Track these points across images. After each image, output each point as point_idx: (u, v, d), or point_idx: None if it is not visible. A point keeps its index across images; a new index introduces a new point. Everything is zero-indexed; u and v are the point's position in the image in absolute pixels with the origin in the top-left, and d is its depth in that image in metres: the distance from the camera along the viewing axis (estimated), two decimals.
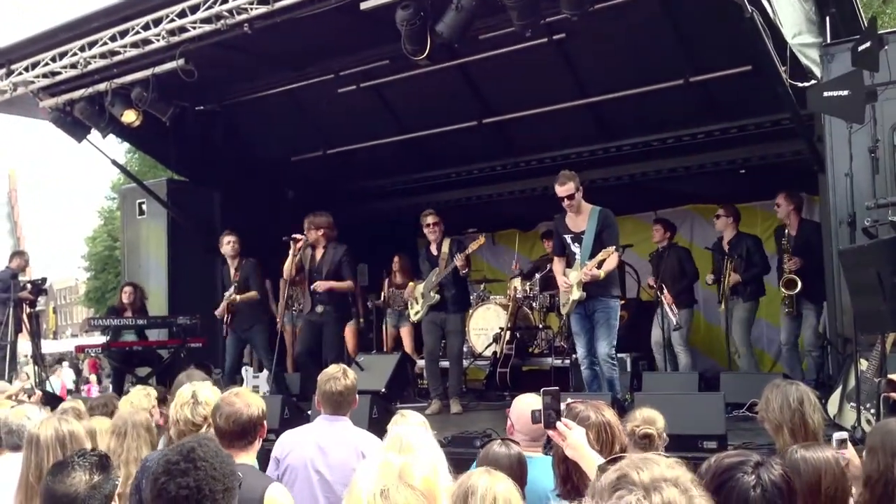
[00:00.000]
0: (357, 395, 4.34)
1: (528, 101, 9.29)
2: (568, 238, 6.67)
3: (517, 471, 2.96)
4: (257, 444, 3.44)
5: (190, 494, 2.23)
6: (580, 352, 6.65)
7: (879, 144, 5.31)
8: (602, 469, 1.70)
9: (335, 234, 8.00)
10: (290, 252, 7.71)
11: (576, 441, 2.67)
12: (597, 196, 7.84)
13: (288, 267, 7.77)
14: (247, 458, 3.36)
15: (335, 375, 4.23)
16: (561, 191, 6.57)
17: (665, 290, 8.29)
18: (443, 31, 6.40)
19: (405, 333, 9.75)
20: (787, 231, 7.65)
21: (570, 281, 6.53)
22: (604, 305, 6.49)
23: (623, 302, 8.80)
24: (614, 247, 6.48)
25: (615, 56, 8.47)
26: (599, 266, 6.37)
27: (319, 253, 7.93)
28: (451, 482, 2.61)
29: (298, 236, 7.74)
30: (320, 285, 7.73)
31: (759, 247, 8.08)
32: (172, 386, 4.59)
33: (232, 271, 8.49)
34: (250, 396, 3.47)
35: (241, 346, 8.47)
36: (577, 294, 6.48)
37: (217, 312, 8.51)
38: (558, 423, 2.73)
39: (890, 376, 3.90)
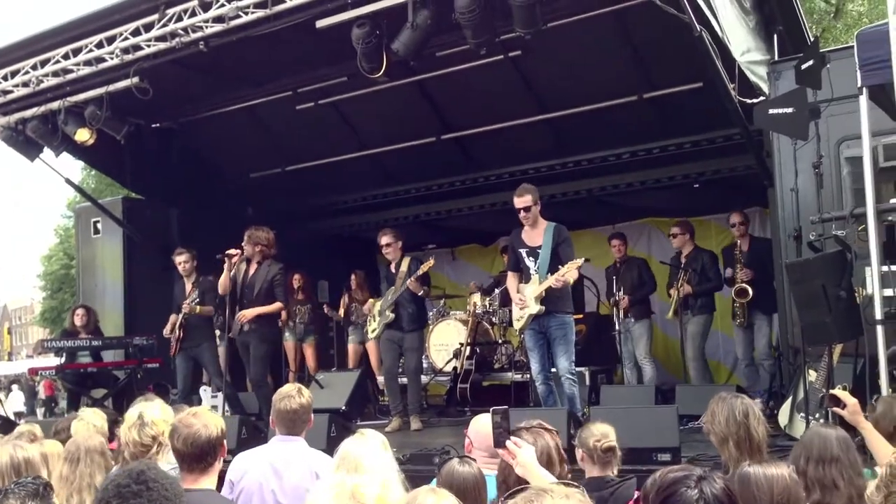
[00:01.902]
0: (313, 415, 4.30)
1: (485, 117, 9.37)
2: (523, 252, 6.67)
3: (478, 488, 2.98)
4: (218, 466, 3.36)
5: None
6: (534, 367, 6.65)
7: (824, 160, 5.44)
8: (504, 501, 1.73)
9: (273, 253, 7.80)
10: (225, 267, 7.64)
11: (525, 459, 2.71)
12: (555, 211, 7.95)
13: (223, 282, 7.70)
14: (208, 481, 3.28)
15: (290, 394, 4.18)
16: (518, 202, 6.59)
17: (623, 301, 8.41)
18: (399, 49, 6.47)
19: (371, 348, 9.71)
20: (738, 245, 7.82)
21: (527, 297, 6.55)
22: (559, 322, 6.50)
23: (581, 316, 8.93)
24: (581, 260, 6.53)
25: (571, 73, 8.58)
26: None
27: (253, 269, 7.72)
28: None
29: (233, 251, 7.66)
30: (246, 315, 7.53)
31: (715, 263, 8.22)
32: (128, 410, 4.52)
33: (188, 287, 8.37)
34: (208, 416, 3.40)
35: (192, 365, 8.33)
36: (534, 308, 6.49)
37: (167, 329, 8.33)
38: (508, 442, 2.77)
39: (832, 391, 4.00)
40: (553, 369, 6.64)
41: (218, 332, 8.85)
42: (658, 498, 2.09)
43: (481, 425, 3.63)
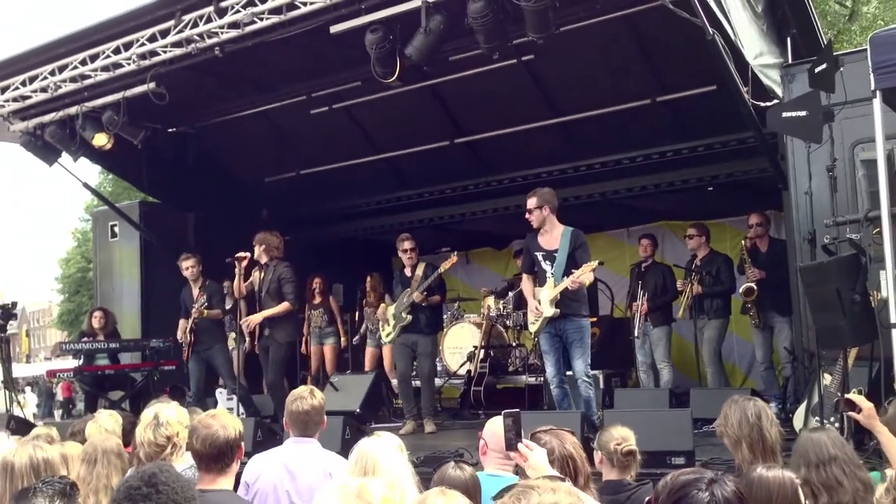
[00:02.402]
0: (326, 416, 4.33)
1: (499, 121, 9.39)
2: (539, 256, 6.67)
3: (469, 493, 3.00)
4: (235, 467, 3.41)
5: None
6: (549, 371, 6.64)
7: (837, 163, 5.42)
8: (494, 500, 1.76)
9: (279, 255, 7.92)
10: (237, 271, 7.70)
11: (537, 462, 2.72)
12: (569, 214, 7.94)
13: (237, 286, 7.76)
14: (225, 482, 3.32)
15: (302, 395, 4.19)
16: (527, 203, 6.65)
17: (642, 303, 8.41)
18: (412, 54, 6.49)
19: (386, 351, 9.73)
20: (744, 245, 7.82)
21: (542, 300, 6.56)
22: (575, 325, 6.50)
23: (595, 319, 8.92)
24: (597, 262, 6.54)
25: (584, 76, 8.59)
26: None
27: (263, 273, 7.86)
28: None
29: (242, 255, 7.72)
30: (252, 320, 7.67)
31: (730, 266, 8.19)
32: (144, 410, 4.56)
33: (195, 292, 8.43)
34: (227, 418, 3.44)
35: (204, 368, 8.40)
36: (549, 311, 6.49)
37: (179, 334, 8.41)
38: (519, 445, 2.78)
39: (847, 396, 3.99)
40: (569, 372, 6.65)
41: (233, 335, 8.93)
42: (669, 500, 2.09)
43: (496, 427, 3.66)
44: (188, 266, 8.43)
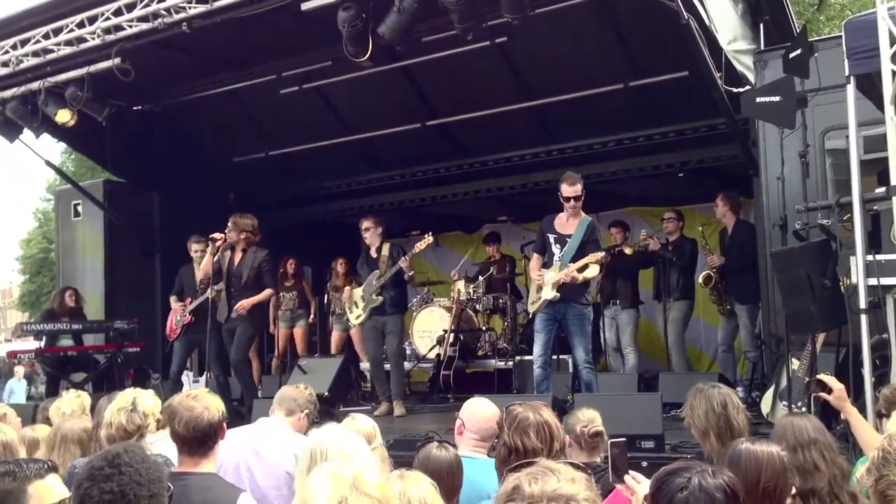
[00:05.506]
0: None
1: (471, 104, 9.31)
2: (552, 238, 6.63)
3: (453, 473, 2.99)
4: (217, 449, 3.33)
5: (113, 499, 2.17)
6: (537, 350, 6.61)
7: (810, 149, 5.45)
8: (508, 473, 1.71)
9: (257, 240, 7.80)
10: (209, 251, 7.56)
11: (640, 498, 2.49)
12: (540, 198, 7.93)
13: (205, 266, 7.63)
14: (209, 465, 3.25)
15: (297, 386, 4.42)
16: (570, 191, 6.50)
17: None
18: (384, 33, 6.41)
19: (355, 334, 9.67)
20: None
21: (545, 282, 6.50)
22: (576, 312, 6.49)
23: None
24: (603, 253, 6.54)
25: (557, 59, 8.55)
26: (581, 271, 6.39)
27: (238, 256, 7.69)
28: None
29: (217, 236, 7.59)
30: (243, 306, 7.52)
31: (694, 249, 8.31)
32: (97, 405, 4.45)
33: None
34: (209, 398, 3.33)
35: (191, 350, 8.27)
36: (550, 294, 6.46)
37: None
38: (627, 477, 2.58)
39: (817, 377, 4.00)
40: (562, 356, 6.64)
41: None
42: (652, 489, 2.10)
43: (476, 409, 3.72)
44: (195, 250, 8.28)
